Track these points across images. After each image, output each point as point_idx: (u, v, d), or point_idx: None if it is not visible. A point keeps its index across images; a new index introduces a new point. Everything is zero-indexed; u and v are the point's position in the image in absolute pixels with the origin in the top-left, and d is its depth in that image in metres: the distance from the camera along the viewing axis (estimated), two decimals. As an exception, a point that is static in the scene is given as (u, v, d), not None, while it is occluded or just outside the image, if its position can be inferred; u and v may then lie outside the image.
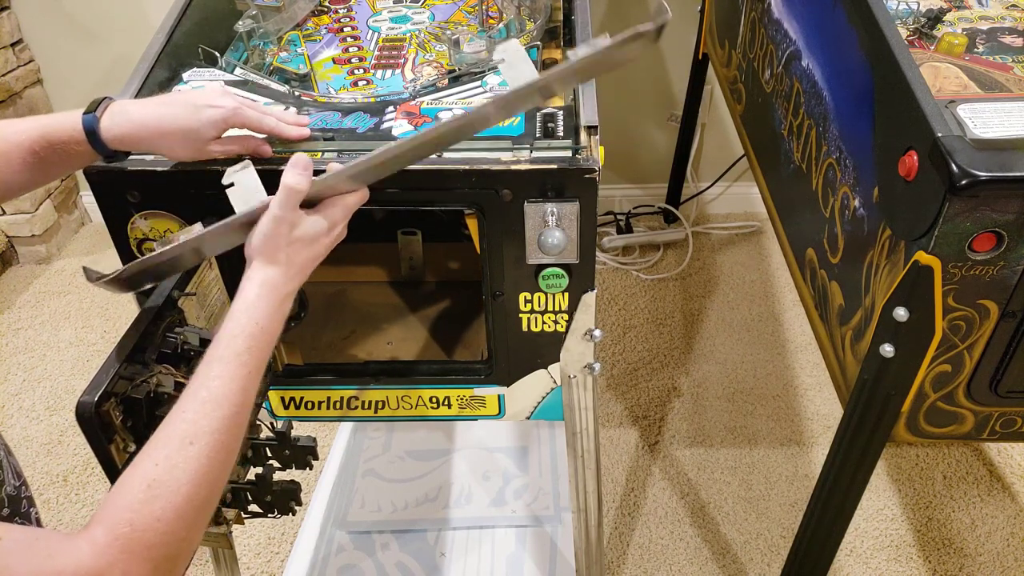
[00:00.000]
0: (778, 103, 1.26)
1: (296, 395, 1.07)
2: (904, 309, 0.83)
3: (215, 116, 0.78)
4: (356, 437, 1.67)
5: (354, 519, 1.50)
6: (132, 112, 0.78)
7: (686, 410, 1.89)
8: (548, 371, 1.01)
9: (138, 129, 0.78)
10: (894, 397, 0.92)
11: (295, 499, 0.84)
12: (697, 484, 1.72)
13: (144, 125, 0.78)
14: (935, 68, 0.87)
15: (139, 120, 0.78)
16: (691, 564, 1.58)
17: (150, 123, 0.78)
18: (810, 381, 1.95)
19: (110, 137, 0.77)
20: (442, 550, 1.44)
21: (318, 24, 1.15)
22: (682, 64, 2.15)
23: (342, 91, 1.00)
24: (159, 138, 0.79)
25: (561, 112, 0.92)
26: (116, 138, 0.78)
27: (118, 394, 0.67)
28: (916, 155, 0.79)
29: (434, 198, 0.88)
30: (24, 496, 0.74)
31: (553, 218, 0.85)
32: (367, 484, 1.56)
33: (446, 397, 1.06)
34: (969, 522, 1.64)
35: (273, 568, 1.58)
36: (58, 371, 2.03)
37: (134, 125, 0.78)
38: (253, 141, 0.83)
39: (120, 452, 0.68)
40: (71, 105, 0.81)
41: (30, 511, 0.74)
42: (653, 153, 2.41)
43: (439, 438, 1.65)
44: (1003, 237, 0.77)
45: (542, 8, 1.08)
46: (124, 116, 0.78)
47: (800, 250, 1.18)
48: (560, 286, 0.91)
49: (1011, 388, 0.91)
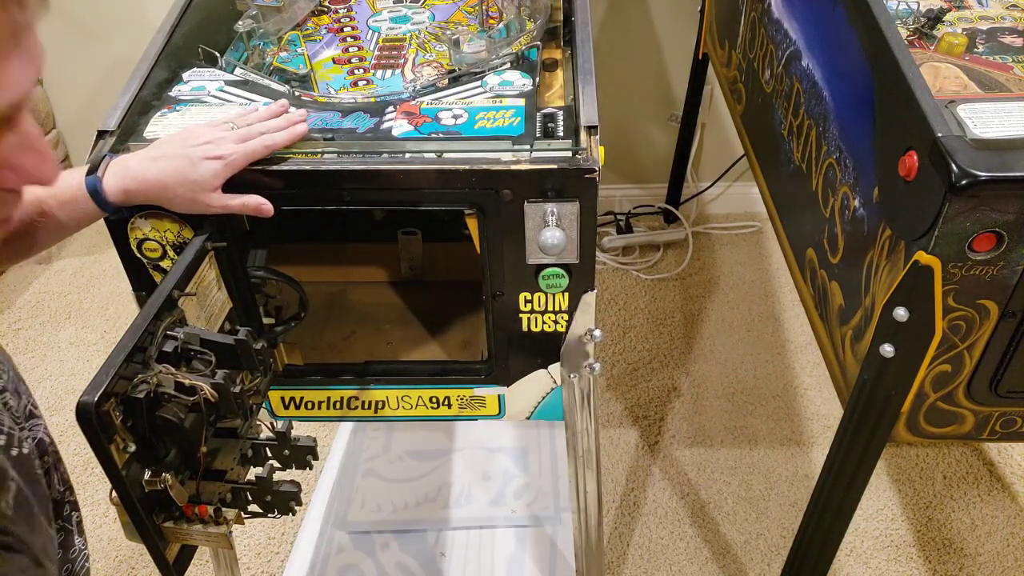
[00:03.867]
0: (778, 103, 1.26)
1: (296, 395, 1.07)
2: (904, 309, 0.83)
3: (214, 168, 0.81)
4: (356, 437, 1.67)
5: (354, 519, 1.50)
6: (133, 168, 0.81)
7: (686, 410, 1.89)
8: (548, 371, 1.01)
9: (139, 184, 0.81)
10: (894, 397, 0.92)
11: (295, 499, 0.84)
12: (697, 484, 1.72)
13: (145, 180, 0.81)
14: (935, 68, 0.87)
15: (140, 176, 0.81)
16: (691, 564, 1.58)
17: (150, 178, 0.81)
18: (810, 381, 1.95)
19: (113, 196, 0.81)
20: (442, 550, 1.44)
21: (318, 24, 1.15)
22: (682, 64, 2.15)
23: (342, 91, 1.00)
24: (160, 191, 0.82)
25: (561, 112, 0.92)
26: (119, 196, 0.81)
27: (118, 394, 0.67)
28: (916, 155, 0.79)
29: (434, 198, 0.88)
30: (68, 501, 0.74)
31: (553, 218, 0.85)
32: (367, 484, 1.56)
33: (446, 397, 1.06)
34: (969, 522, 1.64)
35: (273, 568, 1.58)
36: (58, 371, 2.03)
37: (135, 182, 0.81)
38: (253, 201, 0.84)
39: (120, 452, 0.68)
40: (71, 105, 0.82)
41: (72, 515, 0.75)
42: (653, 153, 2.41)
43: (439, 438, 1.65)
44: (1003, 237, 0.77)
45: (542, 8, 1.08)
46: (125, 172, 0.81)
47: (800, 250, 1.18)
48: (560, 286, 0.91)
49: (1011, 388, 0.91)
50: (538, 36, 1.04)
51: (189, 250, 0.84)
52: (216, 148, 0.81)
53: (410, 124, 0.91)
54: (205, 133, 0.83)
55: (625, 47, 2.17)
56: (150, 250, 0.90)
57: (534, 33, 1.04)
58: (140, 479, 0.70)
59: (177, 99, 0.96)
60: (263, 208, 0.84)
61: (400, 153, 0.86)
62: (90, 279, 2.30)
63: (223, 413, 0.74)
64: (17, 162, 0.48)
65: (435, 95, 0.96)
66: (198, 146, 0.81)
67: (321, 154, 0.86)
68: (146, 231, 0.88)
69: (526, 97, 0.94)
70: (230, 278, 0.91)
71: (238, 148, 0.82)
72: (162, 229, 0.88)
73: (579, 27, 1.04)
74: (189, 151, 0.81)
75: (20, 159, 0.48)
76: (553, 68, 1.03)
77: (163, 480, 0.70)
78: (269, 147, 0.84)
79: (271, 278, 0.98)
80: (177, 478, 0.72)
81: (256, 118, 0.88)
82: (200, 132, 0.84)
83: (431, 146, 0.87)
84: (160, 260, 0.91)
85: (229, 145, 0.82)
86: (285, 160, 0.85)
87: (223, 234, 0.87)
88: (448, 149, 0.86)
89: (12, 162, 0.48)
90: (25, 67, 0.44)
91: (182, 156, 0.81)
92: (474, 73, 0.99)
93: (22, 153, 0.48)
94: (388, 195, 0.88)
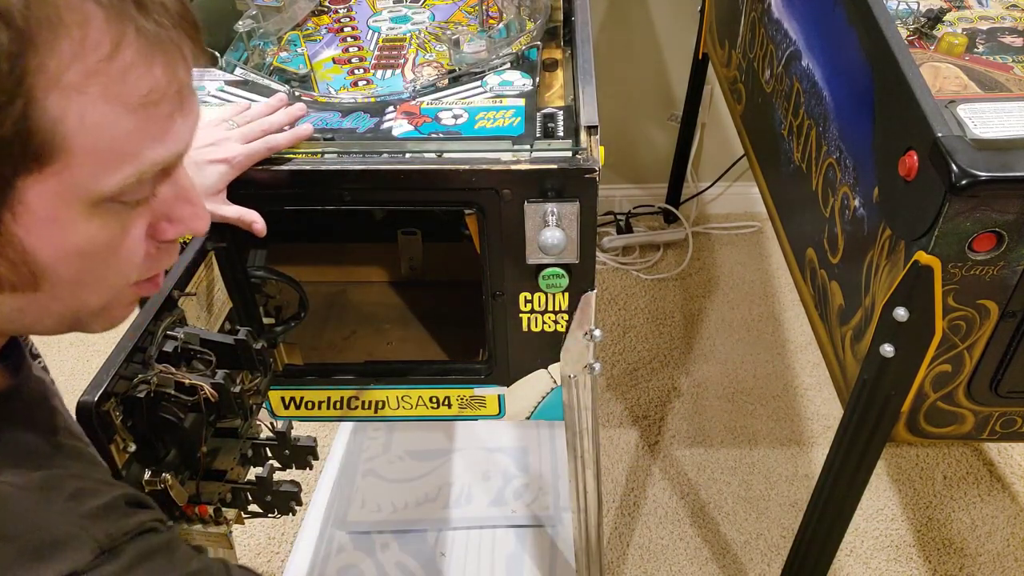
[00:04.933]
0: (778, 103, 1.26)
1: (296, 395, 1.07)
2: (904, 309, 0.83)
3: (220, 171, 0.81)
4: (356, 437, 1.67)
5: (354, 519, 1.50)
6: None
7: (686, 410, 1.89)
8: (548, 371, 1.01)
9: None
10: (894, 397, 0.92)
11: (295, 499, 0.84)
12: (697, 484, 1.72)
13: None
14: (935, 68, 0.87)
15: None
16: (691, 564, 1.58)
17: None
18: (810, 381, 1.95)
19: None
20: (442, 550, 1.44)
21: (318, 24, 1.15)
22: (682, 64, 2.15)
23: (342, 91, 1.00)
24: None
25: (561, 112, 0.92)
26: None
27: (118, 394, 0.67)
28: (916, 155, 0.79)
29: (434, 198, 0.88)
30: None
31: (553, 218, 0.85)
32: (367, 484, 1.56)
33: (446, 397, 1.06)
34: (969, 522, 1.64)
35: (273, 568, 1.58)
36: (58, 371, 2.02)
37: None
38: (248, 216, 0.84)
39: (120, 452, 0.68)
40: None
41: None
42: (653, 153, 2.41)
43: (439, 438, 1.65)
44: (1003, 237, 0.77)
45: (542, 8, 1.08)
46: None
47: (800, 250, 1.18)
48: (560, 286, 0.91)
49: (1011, 388, 0.91)
50: (538, 36, 1.04)
51: (189, 250, 0.84)
52: (220, 151, 0.81)
53: (410, 124, 0.91)
54: (206, 135, 0.82)
55: (625, 47, 2.17)
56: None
57: (534, 33, 1.04)
58: (140, 479, 0.70)
59: (177, 99, 0.96)
60: (255, 227, 0.85)
61: (400, 153, 0.86)
62: (90, 279, 2.30)
63: (223, 413, 0.74)
64: (173, 213, 0.50)
65: (435, 95, 0.96)
66: (201, 149, 0.81)
67: (321, 154, 0.86)
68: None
69: (526, 97, 0.94)
70: (230, 278, 0.91)
71: (242, 149, 0.82)
72: (162, 229, 0.88)
73: (579, 27, 1.04)
74: (193, 155, 0.80)
75: (176, 210, 0.50)
76: (553, 68, 1.03)
77: (163, 480, 0.70)
78: (272, 148, 0.84)
79: (271, 278, 0.98)
80: (177, 478, 0.72)
81: (256, 114, 0.88)
82: (201, 134, 0.82)
83: (431, 146, 0.87)
84: (160, 260, 0.90)
85: (233, 146, 0.81)
86: (285, 160, 0.85)
87: (223, 234, 0.87)
88: (448, 149, 0.86)
89: (168, 214, 0.50)
90: (186, 121, 0.47)
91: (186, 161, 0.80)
92: (474, 73, 0.99)
93: (177, 204, 0.50)
94: (388, 195, 0.88)
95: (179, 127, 0.46)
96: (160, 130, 0.45)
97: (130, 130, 0.43)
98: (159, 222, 0.50)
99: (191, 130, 0.48)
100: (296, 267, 1.02)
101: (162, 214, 0.50)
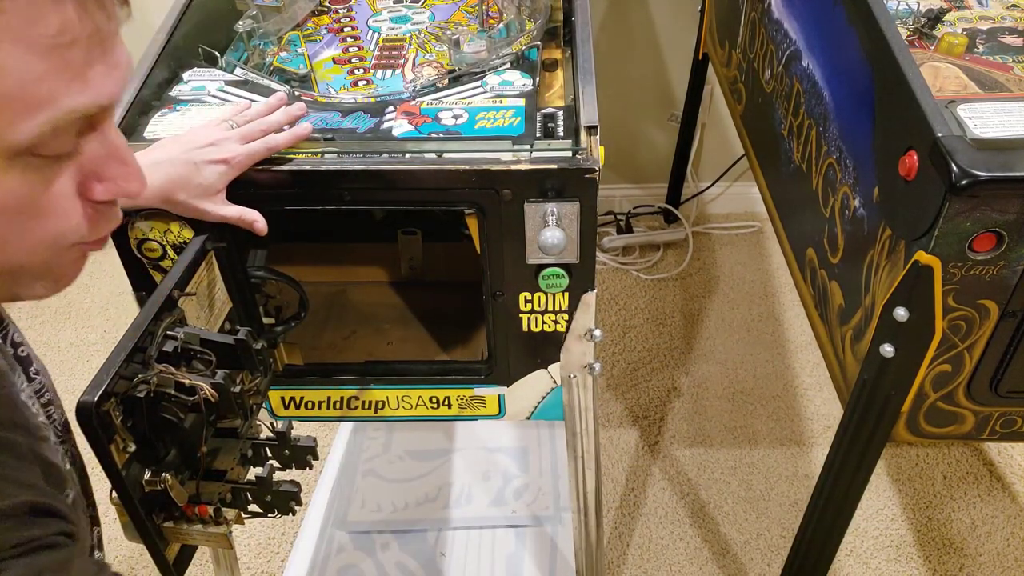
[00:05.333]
0: (778, 103, 1.26)
1: (296, 395, 1.07)
2: (904, 309, 0.83)
3: (219, 171, 0.81)
4: (356, 437, 1.67)
5: (354, 519, 1.50)
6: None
7: (686, 410, 1.89)
8: (548, 371, 1.01)
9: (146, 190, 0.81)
10: (894, 397, 0.92)
11: (295, 499, 0.84)
12: (697, 484, 1.72)
13: (150, 185, 0.79)
14: (935, 68, 0.87)
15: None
16: (691, 564, 1.58)
17: (154, 184, 0.79)
18: (810, 381, 1.95)
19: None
20: (442, 550, 1.44)
21: (318, 24, 1.15)
22: (682, 64, 2.15)
23: (342, 91, 1.00)
24: (164, 197, 0.81)
25: (561, 112, 0.92)
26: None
27: (118, 394, 0.67)
28: (916, 155, 0.79)
29: (434, 198, 0.88)
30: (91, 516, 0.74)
31: (553, 218, 0.85)
32: (367, 484, 1.56)
33: (446, 397, 1.06)
34: (969, 522, 1.64)
35: (273, 568, 1.58)
36: (58, 371, 2.03)
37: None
38: (249, 215, 0.85)
39: (120, 452, 0.68)
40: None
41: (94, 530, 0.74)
42: (653, 153, 2.41)
43: (439, 438, 1.65)
44: (1003, 237, 0.77)
45: (542, 8, 1.08)
46: None
47: (800, 250, 1.18)
48: (560, 286, 0.91)
49: (1011, 388, 0.91)
50: (538, 36, 1.04)
51: (189, 250, 0.84)
52: (219, 151, 0.81)
53: (410, 124, 0.91)
54: (206, 135, 0.82)
55: (625, 47, 2.17)
56: (150, 250, 0.90)
57: (534, 33, 1.04)
58: (140, 479, 0.70)
59: (177, 99, 0.96)
60: (257, 226, 0.85)
61: (400, 153, 0.86)
62: (90, 279, 2.30)
63: (223, 413, 0.74)
64: (103, 172, 0.48)
65: (435, 95, 0.96)
66: (201, 149, 0.81)
67: (321, 154, 0.86)
68: (146, 231, 0.88)
69: (526, 97, 0.94)
70: (230, 278, 0.91)
71: (241, 150, 0.82)
72: (162, 229, 0.88)
73: (579, 27, 1.04)
74: (193, 155, 0.80)
75: (106, 169, 0.48)
76: (553, 68, 1.03)
77: (163, 480, 0.70)
78: (272, 148, 0.84)
79: (271, 278, 0.98)
80: (177, 478, 0.72)
81: (255, 114, 0.88)
82: (201, 134, 0.83)
83: (431, 146, 0.87)
84: (160, 260, 0.91)
85: (232, 146, 0.81)
86: (285, 160, 0.85)
87: (223, 234, 0.87)
88: (448, 149, 0.86)
89: (98, 172, 0.48)
90: (110, 72, 0.45)
91: (185, 161, 0.80)
92: (474, 73, 0.99)
93: (108, 163, 0.48)
94: (388, 195, 0.88)
95: (100, 76, 0.44)
96: (75, 76, 0.42)
97: (40, 74, 0.40)
98: (89, 181, 0.48)
99: (117, 82, 0.45)
100: (296, 267, 1.02)
101: (91, 172, 0.47)
